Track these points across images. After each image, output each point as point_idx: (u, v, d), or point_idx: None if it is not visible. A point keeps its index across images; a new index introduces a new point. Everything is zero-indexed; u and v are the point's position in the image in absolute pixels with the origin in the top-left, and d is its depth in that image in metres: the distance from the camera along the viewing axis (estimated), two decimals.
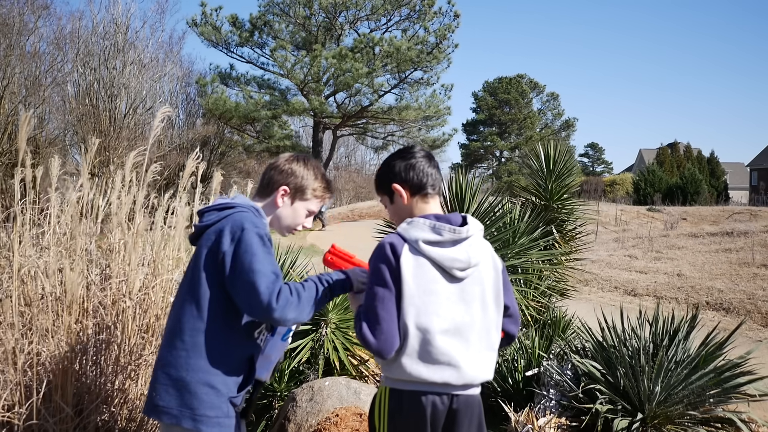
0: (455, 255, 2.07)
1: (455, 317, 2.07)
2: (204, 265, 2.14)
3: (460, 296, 2.08)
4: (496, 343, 2.17)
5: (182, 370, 2.09)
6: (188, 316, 2.13)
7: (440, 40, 27.58)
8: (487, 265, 2.14)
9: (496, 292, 2.15)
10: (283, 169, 2.36)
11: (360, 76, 26.32)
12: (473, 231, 2.11)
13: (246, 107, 27.97)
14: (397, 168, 2.22)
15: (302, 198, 2.37)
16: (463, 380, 2.06)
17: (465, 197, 4.72)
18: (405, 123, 31.11)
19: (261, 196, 2.37)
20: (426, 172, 2.20)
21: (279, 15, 29.50)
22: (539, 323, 5.54)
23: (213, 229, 2.17)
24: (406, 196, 2.20)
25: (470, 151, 69.26)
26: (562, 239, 6.27)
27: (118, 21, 24.18)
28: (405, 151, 2.26)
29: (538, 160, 6.27)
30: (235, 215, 2.17)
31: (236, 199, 2.27)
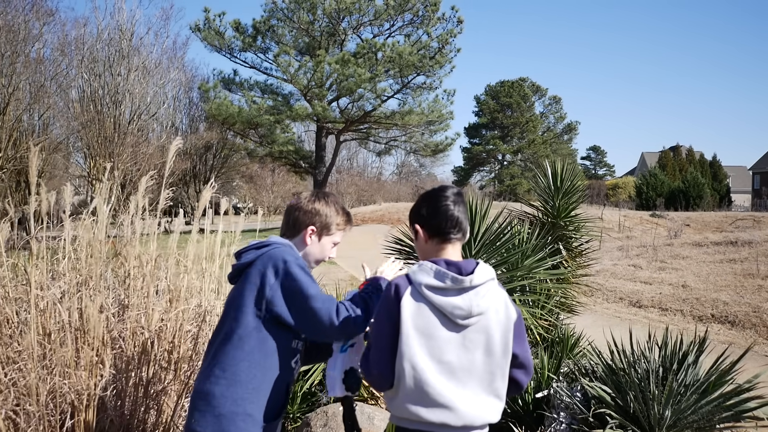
0: (457, 303, 2.10)
1: (452, 361, 2.12)
2: (247, 300, 2.29)
3: (461, 342, 2.12)
4: (500, 390, 2.17)
5: (221, 399, 2.22)
6: (228, 347, 2.27)
7: (443, 45, 27.63)
8: (496, 314, 2.14)
9: (504, 342, 2.15)
10: (308, 209, 2.49)
11: (363, 82, 26.35)
12: (480, 280, 2.12)
13: (249, 112, 28.01)
14: (423, 209, 2.28)
15: (328, 233, 2.53)
16: (461, 422, 2.10)
17: (474, 219, 4.75)
18: (408, 128, 31.16)
19: (289, 235, 2.50)
20: (449, 217, 2.22)
21: (282, 20, 29.55)
22: (547, 341, 5.58)
23: (255, 267, 2.32)
24: (425, 237, 2.26)
25: (472, 155, 69.33)
26: (569, 256, 6.31)
27: (123, 27, 24.32)
28: (436, 193, 2.29)
29: (546, 178, 6.31)
30: (273, 251, 2.33)
31: (270, 238, 2.43)
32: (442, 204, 2.24)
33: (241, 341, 2.26)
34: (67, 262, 3.57)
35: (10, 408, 2.80)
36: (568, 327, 5.93)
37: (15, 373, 2.85)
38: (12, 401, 2.82)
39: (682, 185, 43.48)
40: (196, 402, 2.26)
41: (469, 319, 2.11)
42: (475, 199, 4.85)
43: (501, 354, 2.15)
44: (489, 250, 4.93)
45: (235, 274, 2.41)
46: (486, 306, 2.11)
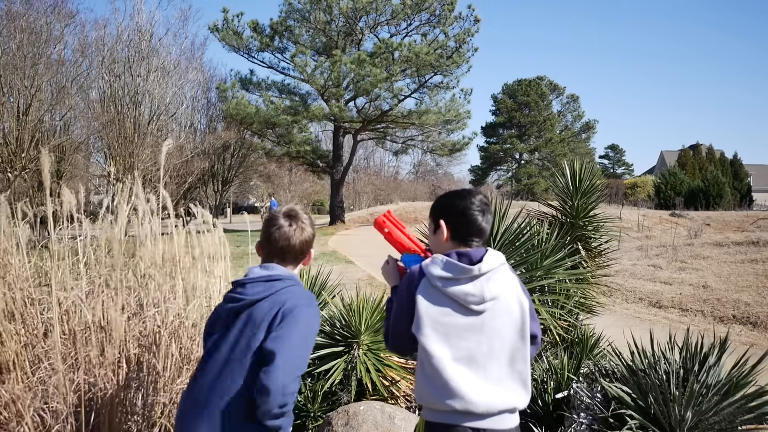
0: (468, 290, 2.16)
1: (471, 347, 2.16)
2: (257, 336, 2.26)
3: (480, 328, 2.17)
4: (524, 373, 2.21)
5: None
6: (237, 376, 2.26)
7: (460, 45, 27.56)
8: (510, 298, 2.21)
9: (522, 324, 2.21)
10: (310, 238, 2.55)
11: (379, 81, 26.37)
12: (489, 266, 2.17)
13: (266, 112, 28.14)
14: (452, 209, 2.31)
15: None
16: (484, 408, 2.13)
17: (494, 219, 4.75)
18: (425, 127, 31.14)
19: (292, 265, 2.51)
20: (476, 225, 2.27)
21: (299, 20, 29.65)
22: (567, 342, 5.57)
23: (268, 305, 2.30)
24: (446, 237, 2.30)
25: (489, 154, 69.12)
26: (588, 256, 6.28)
27: (142, 29, 24.52)
28: (466, 199, 2.30)
29: (564, 178, 6.29)
30: (288, 293, 2.33)
31: (276, 270, 2.42)
32: (471, 211, 2.27)
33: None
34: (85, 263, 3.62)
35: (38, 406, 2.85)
36: (588, 327, 5.91)
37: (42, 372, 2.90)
38: (40, 400, 2.87)
39: (702, 184, 43.04)
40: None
41: (483, 304, 2.16)
42: (494, 199, 4.84)
43: (519, 337, 2.20)
44: (508, 251, 4.93)
45: (241, 306, 2.35)
46: (498, 291, 2.18)
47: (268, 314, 2.27)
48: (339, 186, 33.17)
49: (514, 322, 2.20)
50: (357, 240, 24.00)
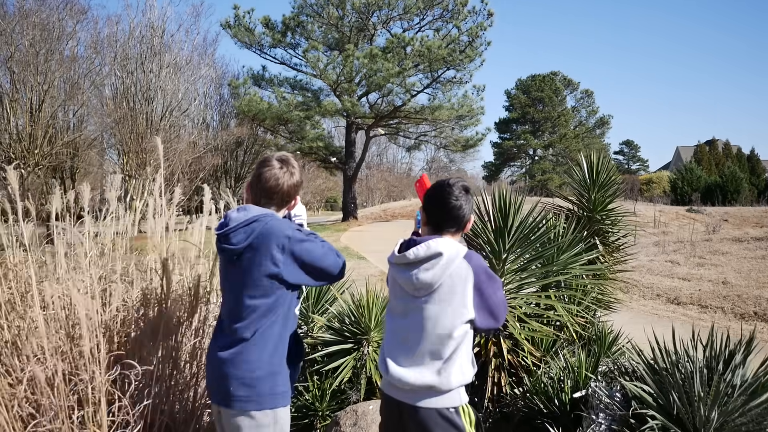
0: (405, 276, 2.38)
1: (405, 326, 2.41)
2: (259, 281, 2.47)
3: (413, 311, 2.38)
4: (448, 358, 2.35)
5: (258, 363, 2.50)
6: (258, 320, 2.52)
7: (473, 39, 27.31)
8: (447, 287, 2.33)
9: (452, 314, 2.33)
10: (297, 183, 2.72)
11: (391, 76, 26.20)
12: (423, 254, 2.34)
13: (278, 108, 28.04)
14: (430, 196, 2.48)
15: None
16: (398, 383, 2.38)
17: (509, 212, 4.59)
18: (438, 123, 30.92)
19: (276, 207, 2.67)
20: (449, 213, 2.42)
21: (311, 16, 29.53)
22: (584, 339, 5.40)
23: (257, 249, 2.48)
24: (424, 221, 2.51)
25: (503, 150, 68.77)
26: (606, 251, 6.10)
27: (155, 25, 24.51)
28: (443, 187, 2.45)
29: (581, 170, 6.11)
30: (268, 227, 2.50)
31: (252, 211, 2.56)
32: (447, 199, 2.41)
33: (269, 313, 2.50)
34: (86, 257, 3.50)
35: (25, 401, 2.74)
36: (605, 324, 5.74)
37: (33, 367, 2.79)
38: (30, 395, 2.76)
39: (719, 180, 42.50)
40: (230, 370, 2.49)
41: (417, 291, 2.36)
42: (508, 192, 4.68)
43: (449, 326, 2.34)
44: (523, 245, 4.77)
45: (233, 255, 2.52)
46: (430, 280, 2.33)
47: (261, 255, 2.46)
48: (351, 182, 33.03)
49: (446, 311, 2.33)
50: (369, 236, 23.87)
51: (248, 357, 2.48)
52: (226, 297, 2.61)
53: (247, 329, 2.49)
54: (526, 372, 4.86)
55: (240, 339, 2.50)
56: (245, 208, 2.59)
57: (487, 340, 4.78)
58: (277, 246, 2.46)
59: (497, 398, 4.82)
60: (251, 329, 2.49)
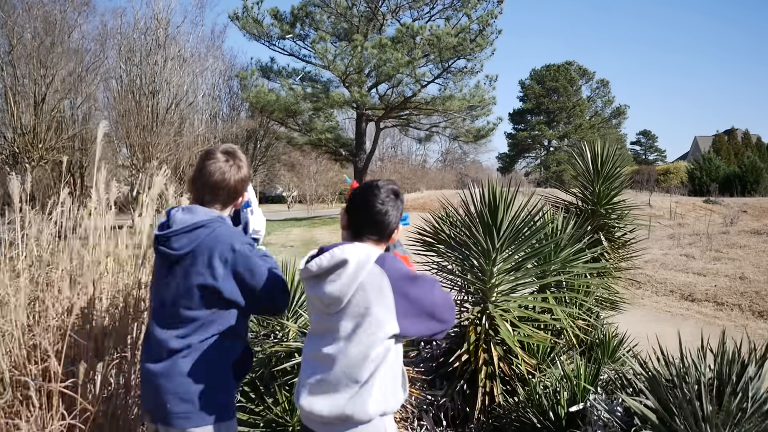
0: (313, 291, 2.06)
1: (320, 346, 2.07)
2: (195, 293, 2.23)
3: (328, 329, 2.05)
4: (362, 378, 2.02)
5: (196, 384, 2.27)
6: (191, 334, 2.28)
7: (483, 27, 26.75)
8: (359, 300, 2.00)
9: (366, 330, 2.00)
10: (245, 177, 2.45)
11: (401, 66, 25.72)
12: (326, 264, 2.01)
13: (286, 99, 27.69)
14: (353, 200, 2.17)
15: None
16: (309, 415, 2.05)
17: (498, 207, 4.17)
18: (449, 113, 30.40)
19: (221, 206, 2.42)
20: (371, 218, 2.11)
21: (320, 6, 29.09)
22: (586, 344, 4.97)
23: (197, 257, 2.23)
24: (344, 224, 2.19)
25: (517, 141, 68.12)
26: (611, 248, 5.66)
27: (159, 16, 24.21)
28: (369, 189, 2.16)
29: (584, 160, 5.67)
30: (214, 236, 2.26)
31: (199, 215, 2.31)
32: (372, 202, 2.12)
33: (209, 326, 2.27)
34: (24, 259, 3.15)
35: None
36: (610, 326, 5.31)
37: None
38: None
39: (738, 170, 41.63)
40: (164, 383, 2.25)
41: (328, 307, 2.03)
42: (499, 185, 4.25)
43: (364, 345, 2.00)
44: (515, 242, 4.35)
45: (170, 260, 2.30)
46: (337, 293, 2.00)
47: (201, 265, 2.23)
48: (362, 174, 32.61)
49: (362, 327, 2.00)
50: None
51: (183, 369, 2.24)
52: (156, 304, 2.37)
53: (182, 340, 2.26)
54: (521, 381, 4.46)
55: (173, 350, 2.26)
56: (191, 210, 2.34)
57: (477, 346, 4.38)
58: (219, 258, 2.24)
59: (490, 409, 4.43)
60: (186, 341, 2.26)
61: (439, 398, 4.51)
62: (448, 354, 4.58)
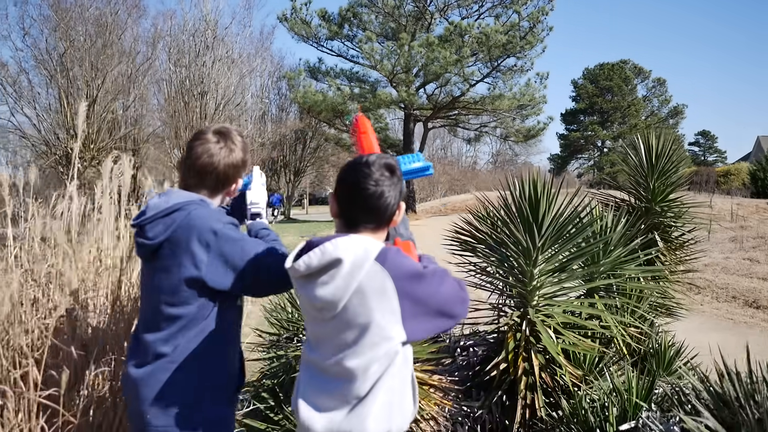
0: (304, 293, 1.73)
1: (314, 360, 1.78)
2: (178, 285, 1.97)
3: (325, 337, 1.74)
4: (362, 391, 1.71)
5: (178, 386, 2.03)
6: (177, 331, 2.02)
7: (534, 24, 26.14)
8: (356, 301, 1.66)
9: (365, 338, 1.68)
10: (238, 162, 2.18)
11: (449, 65, 25.32)
12: (316, 263, 1.66)
13: (333, 100, 27.62)
14: (341, 182, 1.81)
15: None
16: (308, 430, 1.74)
17: (540, 203, 3.78)
18: (498, 113, 29.84)
19: (209, 193, 2.15)
20: (364, 202, 1.75)
21: (367, 6, 28.95)
22: (638, 354, 4.53)
23: (176, 244, 1.98)
24: (334, 212, 1.82)
25: (569, 142, 66.76)
26: (667, 249, 5.19)
27: (208, 18, 24.42)
28: (360, 167, 1.78)
29: (637, 153, 5.21)
30: (191, 219, 1.99)
31: (175, 198, 2.05)
32: (363, 184, 1.74)
33: (192, 325, 2.00)
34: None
35: None
36: (666, 335, 4.85)
37: None
38: None
39: None
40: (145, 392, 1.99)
41: (321, 312, 1.71)
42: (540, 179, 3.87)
43: (365, 356, 1.68)
44: (559, 241, 3.95)
45: (149, 252, 2.04)
46: (331, 297, 1.67)
47: (179, 253, 1.97)
48: None
49: (363, 336, 1.67)
50: (425, 230, 23.12)
51: (165, 376, 1.99)
52: (142, 303, 2.15)
53: (165, 343, 2.00)
54: (565, 393, 4.07)
55: (156, 355, 2.00)
56: (167, 193, 2.09)
57: (516, 354, 4.01)
58: (199, 242, 1.96)
59: (530, 423, 4.05)
60: (170, 344, 2.00)
61: (476, 410, 4.15)
62: (485, 362, 4.22)
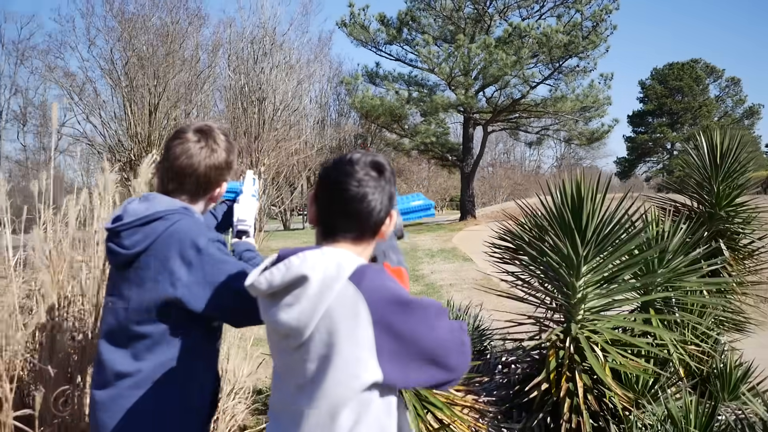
0: (268, 316, 1.45)
1: (282, 395, 1.48)
2: (148, 303, 1.76)
3: (292, 367, 1.43)
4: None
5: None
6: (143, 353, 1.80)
7: (597, 23, 25.30)
8: (324, 328, 1.37)
9: (343, 363, 1.36)
10: (221, 164, 1.97)
11: (507, 67, 24.78)
12: (280, 281, 1.39)
13: (390, 104, 27.46)
14: (321, 182, 1.52)
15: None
16: None
17: (583, 205, 3.42)
18: (560, 115, 29.03)
19: (190, 198, 1.94)
20: (348, 210, 1.46)
21: (425, 9, 28.71)
22: (700, 375, 4.09)
23: (152, 257, 1.77)
24: (312, 219, 1.54)
25: (637, 144, 64.71)
26: (734, 259, 4.71)
27: (266, 25, 24.71)
28: (343, 165, 1.50)
29: (699, 153, 4.76)
30: (173, 231, 1.78)
31: (155, 206, 1.83)
32: (345, 184, 1.46)
33: (163, 344, 1.78)
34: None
35: None
36: (732, 354, 4.37)
37: None
38: None
39: None
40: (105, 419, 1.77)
41: (286, 340, 1.42)
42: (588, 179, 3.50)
43: (334, 397, 1.37)
44: (607, 249, 3.57)
45: (123, 262, 1.82)
46: (295, 322, 1.38)
47: (156, 268, 1.76)
48: (469, 180, 31.82)
49: (330, 371, 1.36)
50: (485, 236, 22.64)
51: (129, 402, 1.76)
52: (106, 312, 1.90)
53: (131, 363, 1.78)
54: (614, 417, 3.68)
55: (119, 374, 1.79)
56: (148, 198, 1.88)
57: (559, 373, 3.65)
58: (181, 258, 1.76)
59: None
60: (136, 364, 1.78)
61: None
62: (527, 380, 3.87)
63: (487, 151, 52.49)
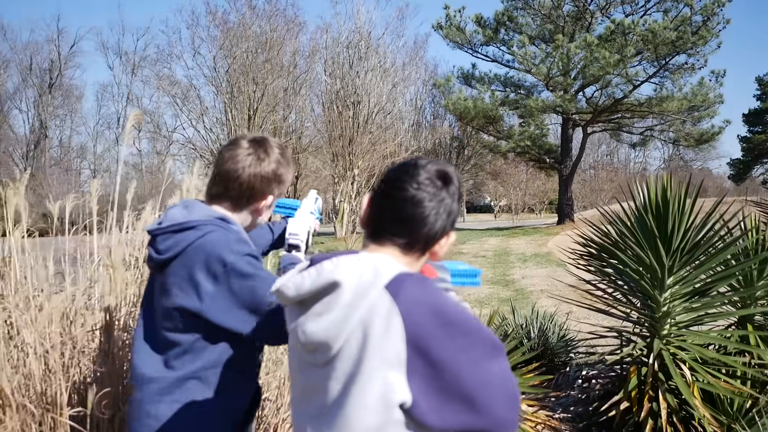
0: (293, 327, 1.31)
1: (301, 417, 1.32)
2: (174, 310, 1.72)
3: (310, 387, 1.30)
4: None
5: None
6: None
7: (708, 17, 23.82)
8: (355, 342, 1.21)
9: (369, 382, 1.18)
10: (269, 175, 1.90)
11: (609, 66, 23.80)
12: (309, 288, 1.26)
13: (484, 106, 27.05)
14: (379, 185, 1.38)
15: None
16: None
17: (670, 213, 3.15)
18: (666, 115, 27.59)
19: (234, 207, 1.89)
20: (401, 214, 1.31)
21: (524, 9, 28.11)
22: None
23: (181, 266, 1.72)
24: (363, 221, 1.39)
25: (753, 145, 60.66)
26: None
27: (361, 30, 24.98)
28: (407, 169, 1.35)
29: None
30: (203, 243, 1.73)
31: (194, 213, 1.80)
32: (402, 186, 1.32)
33: (188, 357, 1.74)
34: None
35: None
36: None
37: None
38: None
39: None
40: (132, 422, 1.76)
41: (311, 355, 1.27)
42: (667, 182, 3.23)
43: (362, 424, 1.18)
44: (698, 259, 3.28)
45: (156, 266, 1.81)
46: (323, 335, 1.23)
47: (182, 278, 1.72)
48: (568, 183, 30.86)
49: (357, 393, 1.19)
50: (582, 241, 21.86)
51: (157, 410, 1.72)
52: (140, 319, 1.88)
53: (159, 369, 1.75)
54: None
55: (146, 379, 1.76)
56: (188, 206, 1.85)
57: (641, 392, 3.38)
58: (208, 272, 1.70)
59: None
60: (164, 371, 1.74)
61: None
62: (606, 397, 3.63)
63: (588, 153, 50.79)
